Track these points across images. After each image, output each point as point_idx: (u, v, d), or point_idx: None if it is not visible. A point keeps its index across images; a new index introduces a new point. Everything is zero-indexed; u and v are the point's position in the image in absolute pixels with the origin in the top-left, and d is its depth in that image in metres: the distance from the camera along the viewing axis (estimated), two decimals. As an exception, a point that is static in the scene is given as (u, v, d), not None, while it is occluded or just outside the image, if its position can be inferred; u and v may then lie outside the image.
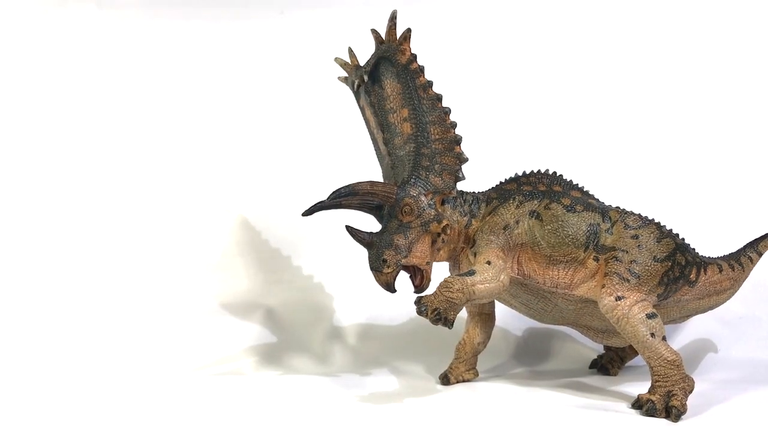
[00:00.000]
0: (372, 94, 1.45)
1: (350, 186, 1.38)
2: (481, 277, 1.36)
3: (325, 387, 1.48)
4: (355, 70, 1.47)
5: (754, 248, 1.50)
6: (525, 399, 1.42)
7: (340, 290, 1.81)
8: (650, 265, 1.38)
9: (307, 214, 1.39)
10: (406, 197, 1.39)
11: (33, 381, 1.52)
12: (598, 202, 1.46)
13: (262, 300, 1.78)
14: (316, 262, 1.84)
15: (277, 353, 1.66)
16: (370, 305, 1.75)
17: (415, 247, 1.39)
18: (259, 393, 1.44)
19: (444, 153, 1.42)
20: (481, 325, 1.54)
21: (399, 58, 1.42)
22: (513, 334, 1.75)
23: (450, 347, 1.55)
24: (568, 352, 1.70)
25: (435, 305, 1.32)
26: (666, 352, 1.34)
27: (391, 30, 1.42)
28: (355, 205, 1.40)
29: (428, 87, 1.43)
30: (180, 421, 1.30)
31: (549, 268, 1.40)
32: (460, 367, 1.53)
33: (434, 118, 1.42)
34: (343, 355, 1.67)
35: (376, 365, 1.62)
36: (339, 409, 1.35)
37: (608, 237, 1.40)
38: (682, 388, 1.33)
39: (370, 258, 1.38)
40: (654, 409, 1.33)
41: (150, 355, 1.62)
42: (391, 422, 1.29)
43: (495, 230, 1.41)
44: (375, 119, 1.45)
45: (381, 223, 1.42)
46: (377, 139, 1.46)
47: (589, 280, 1.40)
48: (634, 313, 1.35)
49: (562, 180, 1.46)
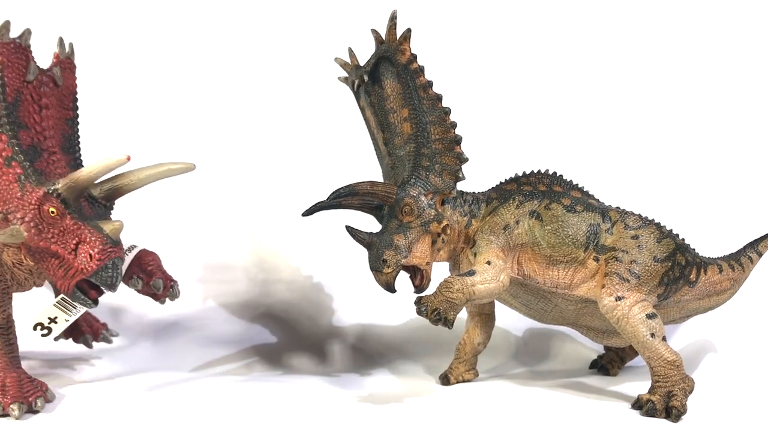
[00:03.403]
0: (372, 94, 1.45)
1: (350, 186, 1.38)
2: (481, 278, 1.36)
3: (325, 387, 1.48)
4: (355, 70, 1.48)
5: (754, 248, 1.50)
6: (525, 399, 1.42)
7: (340, 290, 1.81)
8: (650, 265, 1.38)
9: (307, 214, 1.39)
10: (406, 197, 1.39)
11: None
12: (598, 202, 1.46)
13: (262, 300, 1.78)
14: (316, 262, 1.84)
15: (277, 353, 1.66)
16: (370, 305, 1.75)
17: (415, 247, 1.39)
18: (259, 393, 1.44)
19: (444, 153, 1.42)
20: (481, 325, 1.54)
21: (399, 58, 1.42)
22: (513, 334, 1.75)
23: (450, 347, 1.56)
24: (568, 352, 1.70)
25: (435, 305, 1.32)
26: (666, 352, 1.34)
27: (391, 30, 1.42)
28: (355, 205, 1.40)
29: (428, 87, 1.43)
30: (180, 421, 1.30)
31: (549, 268, 1.40)
32: (460, 367, 1.53)
33: (434, 118, 1.42)
34: (343, 355, 1.67)
35: (376, 365, 1.62)
36: (339, 409, 1.35)
37: (608, 237, 1.40)
38: (682, 388, 1.33)
39: (370, 258, 1.38)
40: (654, 410, 1.33)
41: (150, 355, 1.62)
42: (391, 422, 1.29)
43: (495, 230, 1.41)
44: (375, 119, 1.45)
45: (381, 223, 1.42)
46: (377, 139, 1.46)
47: (589, 281, 1.40)
48: (634, 314, 1.35)
49: (562, 180, 1.46)
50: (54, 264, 1.14)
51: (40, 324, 1.26)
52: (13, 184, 1.12)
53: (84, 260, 1.12)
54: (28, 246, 1.15)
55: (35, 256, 1.16)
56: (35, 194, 1.12)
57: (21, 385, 1.23)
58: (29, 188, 1.12)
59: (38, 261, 1.16)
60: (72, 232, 1.13)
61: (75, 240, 1.12)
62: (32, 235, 1.11)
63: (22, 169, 1.13)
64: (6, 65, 1.13)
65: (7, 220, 1.13)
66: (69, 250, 1.12)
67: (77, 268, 1.12)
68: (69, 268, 1.13)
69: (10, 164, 1.13)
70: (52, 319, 1.26)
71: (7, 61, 1.13)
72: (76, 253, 1.12)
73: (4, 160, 1.13)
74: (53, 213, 1.12)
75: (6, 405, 1.19)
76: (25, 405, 1.21)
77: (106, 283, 1.14)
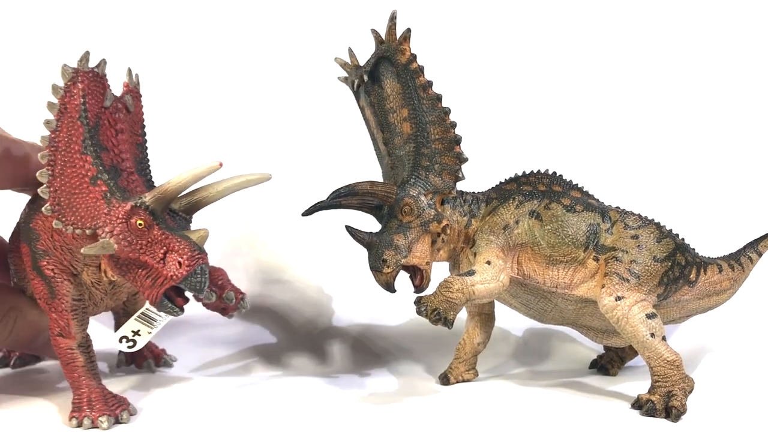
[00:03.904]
0: (372, 94, 1.45)
1: (350, 186, 1.38)
2: (480, 277, 1.36)
3: (325, 387, 1.48)
4: (355, 70, 1.47)
5: (754, 248, 1.50)
6: (525, 399, 1.42)
7: (340, 290, 1.81)
8: (650, 265, 1.38)
9: (307, 214, 1.39)
10: (406, 197, 1.39)
11: (33, 380, 1.53)
12: (598, 202, 1.46)
13: (262, 300, 1.78)
14: (316, 262, 1.84)
15: (277, 353, 1.66)
16: (370, 305, 1.75)
17: (415, 247, 1.39)
18: (259, 393, 1.44)
19: (444, 153, 1.42)
20: (481, 325, 1.54)
21: (399, 58, 1.42)
22: (513, 334, 1.75)
23: (450, 347, 1.55)
24: (568, 352, 1.70)
25: (435, 305, 1.32)
26: (666, 352, 1.34)
27: (391, 30, 1.42)
28: (354, 205, 1.40)
29: (428, 87, 1.43)
30: (180, 420, 1.30)
31: (549, 268, 1.40)
32: (460, 367, 1.53)
33: (434, 118, 1.42)
34: (343, 355, 1.67)
35: (376, 365, 1.62)
36: (339, 409, 1.35)
37: (608, 237, 1.40)
38: (682, 388, 1.33)
39: (370, 258, 1.38)
40: (654, 410, 1.33)
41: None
42: (391, 422, 1.29)
43: (495, 230, 1.41)
44: (375, 119, 1.45)
45: (381, 223, 1.42)
46: (377, 139, 1.46)
47: (589, 280, 1.40)
48: (634, 313, 1.35)
49: (561, 180, 1.46)
50: (141, 275, 1.19)
51: (125, 337, 1.32)
52: (100, 201, 1.18)
53: (173, 268, 1.17)
54: (116, 259, 1.20)
55: (122, 269, 1.21)
56: (122, 209, 1.18)
57: (106, 400, 1.29)
58: (115, 204, 1.18)
59: (125, 273, 1.21)
60: (160, 242, 1.18)
61: (163, 249, 1.18)
62: (122, 246, 1.16)
63: (107, 186, 1.19)
64: (87, 92, 1.20)
65: (96, 235, 1.18)
66: (157, 259, 1.17)
67: (166, 276, 1.17)
68: (157, 277, 1.18)
69: (96, 183, 1.19)
70: (136, 332, 1.33)
71: (88, 89, 1.20)
72: (165, 262, 1.17)
73: (90, 179, 1.19)
74: (141, 225, 1.18)
75: (95, 418, 1.25)
76: (113, 418, 1.27)
77: (196, 288, 1.18)
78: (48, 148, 1.20)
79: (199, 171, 1.23)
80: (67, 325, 1.28)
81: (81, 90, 1.20)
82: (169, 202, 1.22)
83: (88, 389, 1.29)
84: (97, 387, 1.30)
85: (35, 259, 1.28)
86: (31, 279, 1.30)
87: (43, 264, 1.28)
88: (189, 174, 1.22)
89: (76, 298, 1.30)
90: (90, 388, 1.29)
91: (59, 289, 1.28)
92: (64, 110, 1.19)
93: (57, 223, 1.19)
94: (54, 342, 1.29)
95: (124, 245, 1.17)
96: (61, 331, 1.29)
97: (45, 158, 1.19)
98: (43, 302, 1.30)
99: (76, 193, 1.19)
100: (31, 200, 1.36)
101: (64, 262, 1.28)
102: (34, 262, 1.29)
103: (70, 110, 1.19)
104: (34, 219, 1.29)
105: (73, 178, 1.19)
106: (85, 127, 1.20)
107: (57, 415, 1.33)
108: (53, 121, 1.20)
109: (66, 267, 1.29)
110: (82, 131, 1.20)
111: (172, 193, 1.21)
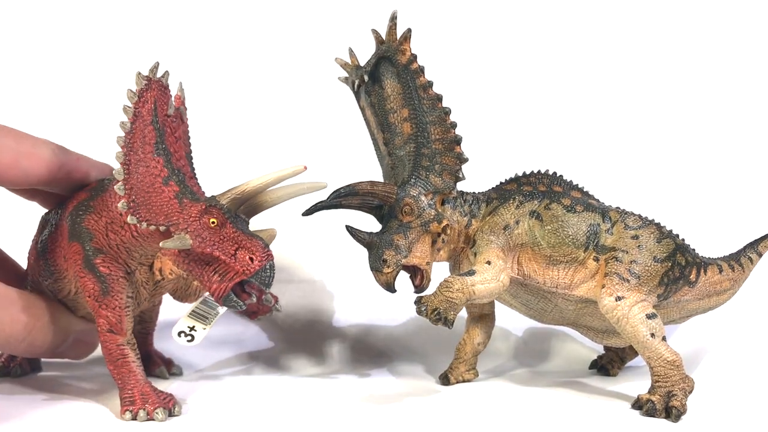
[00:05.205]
0: (372, 94, 1.45)
1: (350, 186, 1.38)
2: (481, 277, 1.36)
3: (325, 387, 1.48)
4: (355, 70, 1.47)
5: (754, 249, 1.50)
6: (525, 399, 1.42)
7: (340, 290, 1.81)
8: (650, 265, 1.38)
9: (307, 214, 1.39)
10: (406, 197, 1.39)
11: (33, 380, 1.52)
12: (598, 202, 1.46)
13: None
14: (316, 262, 1.84)
15: (277, 353, 1.66)
16: (370, 305, 1.75)
17: (415, 247, 1.39)
18: (259, 393, 1.44)
19: (444, 153, 1.42)
20: (481, 325, 1.54)
21: (399, 58, 1.42)
22: (513, 334, 1.75)
23: (450, 347, 1.55)
24: (568, 352, 1.70)
25: (435, 305, 1.32)
26: (666, 352, 1.34)
27: (391, 30, 1.42)
28: (355, 205, 1.40)
29: (428, 87, 1.43)
30: (180, 420, 1.30)
31: (549, 268, 1.40)
32: (460, 367, 1.53)
33: (434, 118, 1.42)
34: (343, 355, 1.67)
35: (376, 365, 1.62)
36: (339, 409, 1.35)
37: (608, 237, 1.40)
38: (682, 388, 1.33)
39: (370, 258, 1.38)
40: (654, 410, 1.33)
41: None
42: (391, 422, 1.29)
43: (495, 230, 1.41)
44: (375, 119, 1.45)
45: (381, 223, 1.42)
46: (377, 139, 1.46)
47: (589, 281, 1.40)
48: (634, 314, 1.35)
49: (562, 180, 1.46)
50: (209, 270, 1.24)
51: (183, 332, 1.39)
52: (173, 200, 1.24)
53: (245, 263, 1.23)
54: (186, 253, 1.25)
55: (190, 264, 1.26)
56: (196, 208, 1.24)
57: (157, 393, 1.32)
58: (187, 203, 1.24)
59: (192, 269, 1.26)
60: (231, 239, 1.23)
61: (234, 246, 1.23)
62: (197, 242, 1.22)
63: (179, 187, 1.25)
64: (157, 99, 1.27)
65: (169, 231, 1.24)
66: (229, 255, 1.23)
67: (237, 271, 1.23)
68: (227, 272, 1.23)
69: (168, 183, 1.25)
70: (192, 328, 1.39)
71: (157, 97, 1.27)
72: (236, 258, 1.23)
73: (162, 180, 1.25)
74: (213, 223, 1.23)
75: (150, 411, 1.29)
76: (167, 410, 1.31)
77: (265, 283, 1.24)
78: (123, 148, 1.25)
79: (284, 173, 1.30)
80: (119, 321, 1.32)
81: (152, 97, 1.26)
82: (245, 202, 1.28)
83: (138, 384, 1.32)
84: (145, 382, 1.33)
85: (88, 258, 1.32)
86: (81, 277, 1.33)
87: (98, 262, 1.32)
88: (274, 175, 1.29)
89: (129, 296, 1.34)
90: (140, 383, 1.32)
91: (114, 286, 1.32)
92: (138, 114, 1.25)
93: (131, 218, 1.24)
94: (103, 339, 1.32)
95: (199, 241, 1.22)
96: (112, 328, 1.32)
97: (121, 158, 1.24)
98: (92, 300, 1.33)
99: (150, 192, 1.24)
100: (69, 200, 1.39)
101: (119, 261, 1.33)
102: (87, 261, 1.32)
103: (143, 114, 1.25)
104: (86, 218, 1.34)
105: (146, 177, 1.25)
106: (156, 131, 1.26)
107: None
108: (128, 123, 1.25)
109: (121, 265, 1.33)
110: (154, 135, 1.26)
111: (251, 193, 1.28)
